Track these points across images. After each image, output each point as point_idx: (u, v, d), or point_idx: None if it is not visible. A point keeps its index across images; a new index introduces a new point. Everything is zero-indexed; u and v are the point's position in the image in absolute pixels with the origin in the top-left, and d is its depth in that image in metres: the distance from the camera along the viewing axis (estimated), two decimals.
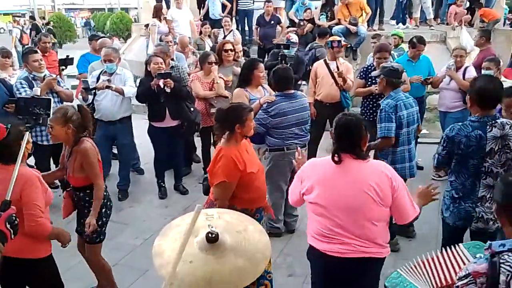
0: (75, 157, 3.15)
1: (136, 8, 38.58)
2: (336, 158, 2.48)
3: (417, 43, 5.86)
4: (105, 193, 3.31)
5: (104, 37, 7.21)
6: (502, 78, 5.06)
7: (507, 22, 12.67)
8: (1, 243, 1.78)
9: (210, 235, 1.40)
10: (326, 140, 6.12)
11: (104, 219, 3.32)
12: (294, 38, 6.68)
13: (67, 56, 5.24)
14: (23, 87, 4.41)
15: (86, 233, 3.20)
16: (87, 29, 34.25)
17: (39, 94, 2.17)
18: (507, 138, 2.91)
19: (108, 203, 3.38)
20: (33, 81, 4.50)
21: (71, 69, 9.16)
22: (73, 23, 28.74)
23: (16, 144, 2.39)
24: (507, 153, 2.93)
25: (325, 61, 5.77)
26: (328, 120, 5.95)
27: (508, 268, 1.55)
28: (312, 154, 6.04)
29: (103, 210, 3.31)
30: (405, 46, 7.67)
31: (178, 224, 1.56)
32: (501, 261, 1.57)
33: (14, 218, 1.87)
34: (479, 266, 1.60)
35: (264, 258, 1.38)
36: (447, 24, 10.37)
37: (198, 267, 1.30)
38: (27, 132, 2.45)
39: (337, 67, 5.68)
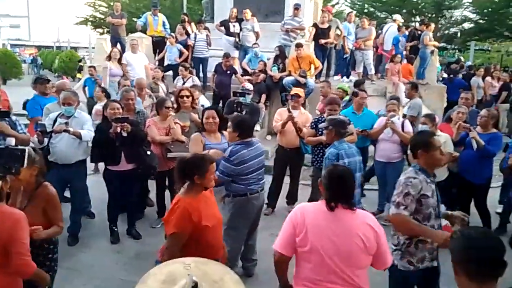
0: (36, 202, 3.09)
1: (86, 48, 38.23)
2: (332, 204, 2.64)
3: (359, 91, 6.38)
4: (56, 239, 3.31)
5: (43, 76, 6.85)
6: (438, 132, 5.56)
7: (439, 79, 13.84)
8: None
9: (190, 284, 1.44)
10: (286, 185, 6.45)
11: (57, 265, 3.34)
12: (249, 86, 7.02)
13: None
14: None
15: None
16: (34, 66, 33.34)
17: (13, 144, 2.16)
18: None
19: (57, 248, 3.37)
20: None
21: (18, 107, 8.95)
22: (19, 59, 27.83)
23: None
24: None
25: (288, 110, 6.14)
26: (288, 164, 6.31)
27: None
28: (275, 197, 6.32)
29: (55, 255, 3.33)
30: (348, 98, 8.25)
31: (156, 273, 1.60)
32: None
33: None
34: None
35: None
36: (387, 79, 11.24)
37: None
38: None
39: (291, 118, 6.01)
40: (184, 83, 8.57)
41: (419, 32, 11.84)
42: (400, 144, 5.97)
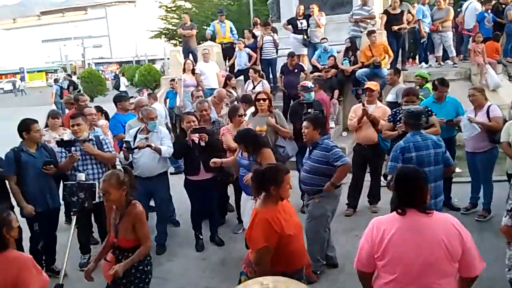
0: (128, 219, 3.27)
1: (162, 59, 40.19)
2: (399, 211, 2.51)
3: (439, 85, 5.90)
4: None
5: (122, 94, 7.18)
6: None
7: None
8: None
9: None
10: (367, 183, 6.23)
11: (150, 277, 3.44)
12: (308, 83, 6.57)
13: (62, 139, 5.00)
14: (62, 152, 4.76)
15: (109, 274, 3.19)
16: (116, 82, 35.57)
17: (84, 179, 2.27)
18: None
19: (149, 261, 3.47)
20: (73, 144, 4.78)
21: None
22: (103, 77, 29.95)
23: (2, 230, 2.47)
24: None
25: (363, 104, 5.89)
26: (367, 161, 6.08)
27: None
28: (356, 196, 6.14)
29: (147, 268, 3.42)
30: (430, 86, 7.74)
31: None
32: None
33: None
34: None
35: None
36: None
37: None
38: (13, 217, 2.54)
39: (365, 112, 5.77)
40: (254, 87, 8.59)
41: (503, 6, 10.82)
42: (487, 132, 5.46)
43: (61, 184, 4.75)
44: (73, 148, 4.77)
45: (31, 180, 4.63)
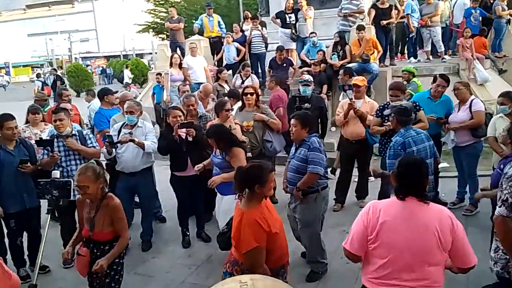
0: (104, 211, 3.24)
1: (150, 54, 39.88)
2: (400, 196, 2.55)
3: (446, 82, 5.86)
4: None
5: (107, 89, 7.08)
6: None
7: None
8: None
9: None
10: (354, 178, 6.20)
11: (121, 272, 3.44)
12: (308, 77, 6.63)
13: (41, 138, 4.89)
14: (43, 150, 4.65)
15: (95, 269, 3.17)
16: (104, 77, 35.25)
17: (58, 177, 2.18)
18: None
19: (124, 253, 3.48)
20: (56, 139, 4.69)
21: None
22: (90, 71, 29.58)
23: None
24: None
25: (350, 100, 5.83)
26: (355, 156, 6.04)
27: None
28: (344, 192, 6.09)
29: (122, 260, 3.44)
30: (416, 80, 7.75)
31: None
32: None
33: None
34: None
35: None
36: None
37: None
38: None
39: (352, 106, 5.72)
40: (243, 81, 8.51)
41: (491, 1, 10.86)
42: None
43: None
44: (55, 144, 4.67)
45: (8, 178, 4.44)
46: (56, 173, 2.26)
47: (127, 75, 24.83)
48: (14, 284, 2.45)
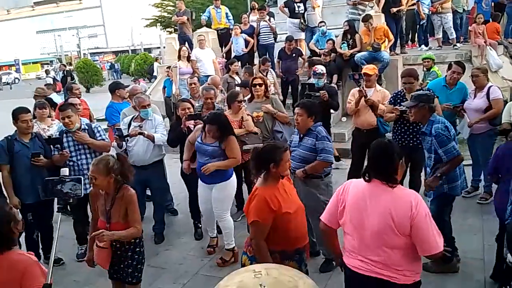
0: (120, 203, 3.25)
1: (158, 48, 39.90)
2: (366, 177, 2.63)
3: (462, 68, 5.72)
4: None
5: (118, 82, 7.05)
6: None
7: None
8: None
9: None
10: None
11: (144, 258, 3.49)
12: (320, 69, 6.45)
13: (49, 136, 4.88)
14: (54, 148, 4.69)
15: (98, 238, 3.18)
16: (113, 72, 35.36)
17: (67, 174, 2.15)
18: None
19: (142, 242, 3.49)
20: (65, 135, 4.73)
21: (102, 113, 9.42)
22: (99, 67, 29.68)
23: (5, 227, 2.35)
24: None
25: (361, 88, 5.73)
26: (367, 146, 5.95)
27: None
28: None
29: (142, 249, 3.46)
30: (436, 69, 7.64)
31: (226, 285, 1.50)
32: None
33: None
34: None
35: None
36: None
37: None
38: (17, 211, 2.39)
39: (362, 94, 5.63)
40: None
41: None
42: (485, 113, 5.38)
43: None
44: (65, 139, 4.71)
45: (23, 171, 4.53)
46: (65, 171, 2.21)
47: (157, 68, 24.79)
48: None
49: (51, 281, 2.16)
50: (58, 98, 8.20)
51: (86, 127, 4.82)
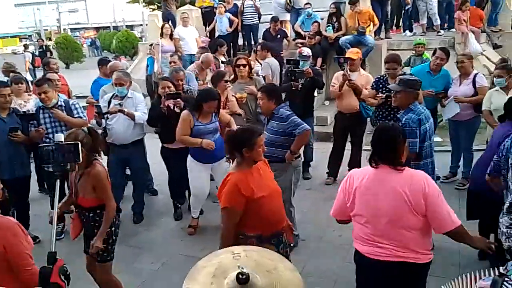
0: (86, 179, 3.22)
1: (141, 25, 39.10)
2: (373, 163, 2.61)
3: (446, 55, 5.75)
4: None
5: (107, 58, 7.06)
6: None
7: None
8: None
9: (240, 276, 1.34)
10: (348, 152, 6.16)
11: (113, 238, 3.39)
12: (306, 51, 6.28)
13: (25, 112, 4.84)
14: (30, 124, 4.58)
15: (91, 252, 3.28)
16: (93, 49, 34.59)
17: (62, 140, 2.06)
18: None
19: (117, 222, 3.44)
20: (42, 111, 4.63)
21: (82, 90, 9.23)
22: (79, 43, 28.96)
23: None
24: None
25: (346, 71, 5.73)
26: (349, 130, 5.99)
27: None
28: (337, 165, 6.07)
29: (112, 228, 3.37)
30: (429, 56, 7.67)
31: (204, 265, 1.47)
32: (506, 280, 1.68)
33: (66, 268, 1.84)
34: (485, 283, 1.76)
35: None
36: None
37: None
38: None
39: (346, 78, 5.62)
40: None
41: None
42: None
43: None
44: (41, 115, 4.61)
45: (0, 146, 4.44)
46: (60, 136, 2.11)
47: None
48: (31, 243, 2.47)
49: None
50: (29, 77, 8.03)
51: (63, 104, 4.71)
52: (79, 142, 2.24)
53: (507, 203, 2.89)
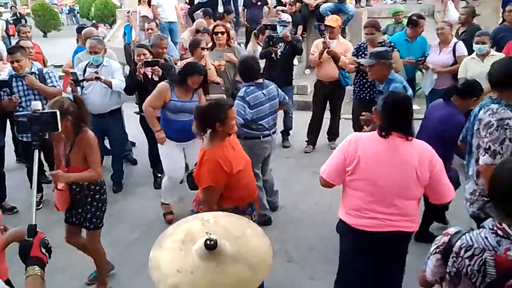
0: (78, 147, 3.17)
1: None
2: (384, 133, 2.53)
3: (418, 19, 5.75)
4: (101, 180, 3.37)
5: (84, 25, 6.91)
6: (493, 52, 5.01)
7: None
8: (41, 269, 1.70)
9: (208, 242, 1.34)
10: (327, 121, 6.18)
11: (105, 204, 3.42)
12: (286, 17, 6.21)
13: None
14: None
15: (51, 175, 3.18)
16: (72, 16, 33.42)
17: (40, 108, 2.00)
18: None
19: (104, 189, 3.42)
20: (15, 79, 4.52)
21: (59, 59, 8.98)
22: (56, 11, 27.93)
23: None
24: None
25: (325, 39, 5.68)
26: (328, 98, 6.00)
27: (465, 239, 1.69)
28: (315, 133, 6.11)
29: (104, 196, 3.39)
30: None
31: (172, 233, 1.47)
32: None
33: (47, 241, 1.82)
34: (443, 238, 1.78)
35: (265, 264, 1.34)
36: None
37: (200, 277, 1.26)
38: None
39: (326, 45, 5.60)
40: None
41: None
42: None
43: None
44: (14, 84, 4.50)
45: None
46: (37, 104, 2.03)
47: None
48: None
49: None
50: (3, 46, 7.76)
51: (37, 72, 4.60)
52: (57, 111, 2.17)
53: (470, 170, 2.98)
